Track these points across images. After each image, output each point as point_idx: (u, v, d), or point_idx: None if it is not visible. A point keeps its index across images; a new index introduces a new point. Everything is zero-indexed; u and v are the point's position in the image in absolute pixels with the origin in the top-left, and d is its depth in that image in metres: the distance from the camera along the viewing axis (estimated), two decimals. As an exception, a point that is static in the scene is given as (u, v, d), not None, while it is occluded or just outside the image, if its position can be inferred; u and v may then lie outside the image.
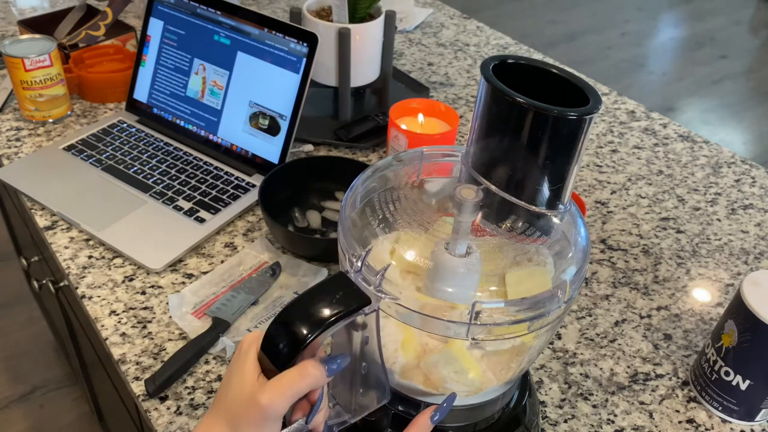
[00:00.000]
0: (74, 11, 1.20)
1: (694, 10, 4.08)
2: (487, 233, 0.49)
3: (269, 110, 0.92)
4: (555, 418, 0.66)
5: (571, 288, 0.48)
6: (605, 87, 1.25)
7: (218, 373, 0.68)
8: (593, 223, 0.92)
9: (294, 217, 0.87)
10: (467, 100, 1.17)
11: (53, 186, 0.89)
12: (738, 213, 0.95)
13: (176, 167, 0.93)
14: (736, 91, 3.27)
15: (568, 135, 0.44)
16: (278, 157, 0.92)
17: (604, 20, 3.86)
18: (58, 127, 1.03)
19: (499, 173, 0.46)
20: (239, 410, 0.43)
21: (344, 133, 1.01)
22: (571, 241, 0.52)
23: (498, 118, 0.45)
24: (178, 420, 0.64)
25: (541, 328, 0.48)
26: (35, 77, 0.98)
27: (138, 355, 0.69)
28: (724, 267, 0.86)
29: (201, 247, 0.83)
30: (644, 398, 0.69)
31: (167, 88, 1.00)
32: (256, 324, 0.73)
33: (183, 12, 0.97)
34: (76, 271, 0.79)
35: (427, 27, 1.41)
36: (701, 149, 1.09)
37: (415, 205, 0.54)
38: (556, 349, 0.73)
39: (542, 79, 0.47)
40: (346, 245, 0.49)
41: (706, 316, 0.79)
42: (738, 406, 0.66)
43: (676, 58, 3.56)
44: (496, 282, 0.49)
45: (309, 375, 0.43)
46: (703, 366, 0.68)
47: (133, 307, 0.75)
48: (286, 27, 0.90)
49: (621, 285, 0.82)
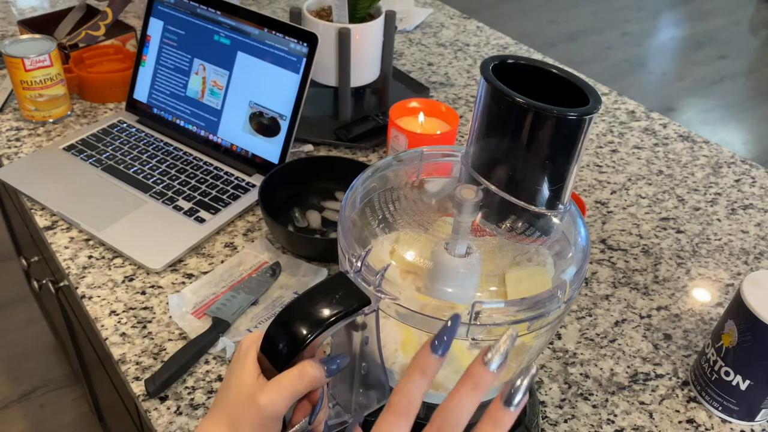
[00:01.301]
0: (74, 11, 1.20)
1: (694, 10, 4.08)
2: (487, 233, 0.49)
3: (269, 110, 0.92)
4: (555, 418, 0.66)
5: (571, 288, 0.48)
6: (605, 87, 1.25)
7: (218, 373, 0.68)
8: (593, 223, 0.92)
9: (294, 217, 0.87)
10: (467, 100, 1.17)
11: (53, 186, 0.89)
12: (738, 213, 0.95)
13: (176, 167, 0.93)
14: (736, 91, 3.27)
15: (568, 135, 0.44)
16: (278, 157, 0.92)
17: (604, 20, 3.86)
18: (58, 127, 1.03)
19: (498, 173, 0.46)
20: (239, 411, 0.43)
21: (344, 133, 1.01)
22: (571, 241, 0.52)
23: (498, 118, 0.45)
24: (178, 420, 0.64)
25: (541, 328, 0.48)
26: (35, 77, 0.98)
27: (138, 355, 0.69)
28: (724, 267, 0.86)
29: (201, 247, 0.83)
30: (644, 398, 0.69)
31: (167, 88, 1.00)
32: (256, 324, 0.73)
33: (183, 12, 0.97)
34: (76, 271, 0.79)
35: (427, 27, 1.41)
36: (701, 149, 1.09)
37: (415, 205, 0.54)
38: (556, 349, 0.73)
39: (542, 79, 0.47)
40: (345, 245, 0.49)
41: (706, 316, 0.79)
42: (738, 406, 0.66)
43: (676, 58, 3.56)
44: (496, 282, 0.49)
45: (308, 375, 0.43)
46: (703, 366, 0.68)
47: (133, 307, 0.75)
48: (286, 27, 0.90)
49: (621, 285, 0.82)
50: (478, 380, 0.35)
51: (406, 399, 0.36)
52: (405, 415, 0.36)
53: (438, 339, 0.36)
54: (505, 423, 0.35)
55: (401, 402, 0.36)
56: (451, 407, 0.35)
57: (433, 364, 0.36)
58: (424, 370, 0.36)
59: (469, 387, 0.35)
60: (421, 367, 0.36)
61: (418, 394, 0.36)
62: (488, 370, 0.35)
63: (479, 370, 0.35)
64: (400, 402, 0.36)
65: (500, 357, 0.35)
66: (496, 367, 0.35)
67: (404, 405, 0.36)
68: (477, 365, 0.35)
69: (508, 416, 0.35)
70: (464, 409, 0.35)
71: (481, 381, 0.35)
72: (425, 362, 0.36)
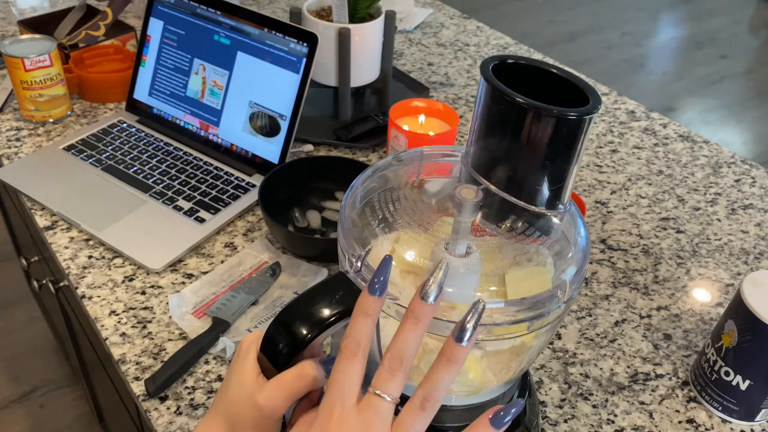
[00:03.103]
0: (74, 11, 1.20)
1: (694, 10, 4.08)
2: (487, 233, 0.49)
3: (269, 110, 0.92)
4: (555, 418, 0.66)
5: (571, 288, 0.48)
6: (605, 87, 1.25)
7: (218, 373, 0.68)
8: (593, 223, 0.92)
9: (294, 217, 0.87)
10: (467, 100, 1.17)
11: (53, 186, 0.89)
12: (738, 213, 0.95)
13: (176, 167, 0.93)
14: (736, 91, 3.27)
15: (568, 135, 0.44)
16: (278, 157, 0.92)
17: (604, 20, 3.86)
18: (58, 127, 1.03)
19: (498, 173, 0.46)
20: (238, 410, 0.43)
21: (344, 133, 1.01)
22: (571, 241, 0.52)
23: (498, 118, 0.45)
24: (178, 420, 0.64)
25: (541, 328, 0.48)
26: (35, 77, 0.98)
27: (138, 355, 0.69)
28: (724, 267, 0.86)
29: (201, 247, 0.83)
30: (644, 398, 0.69)
31: (167, 88, 1.00)
32: (256, 324, 0.73)
33: (183, 12, 0.97)
34: (76, 271, 0.79)
35: (427, 27, 1.41)
36: (701, 149, 1.09)
37: (415, 205, 0.54)
38: (556, 349, 0.73)
39: (542, 79, 0.47)
40: (345, 245, 0.49)
41: (706, 316, 0.79)
42: (738, 406, 0.66)
43: (676, 58, 3.56)
44: (496, 282, 0.49)
45: (308, 376, 0.43)
46: (703, 366, 0.68)
47: (133, 307, 0.75)
48: (286, 27, 0.90)
49: (621, 285, 0.82)
50: (418, 314, 0.39)
51: (354, 341, 0.39)
52: (356, 355, 0.39)
53: (375, 279, 0.40)
54: (458, 358, 0.38)
55: (350, 343, 0.39)
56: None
57: (374, 304, 0.40)
58: (366, 312, 0.40)
59: (411, 322, 0.39)
60: (363, 310, 0.40)
61: (364, 335, 0.39)
62: (426, 303, 0.39)
63: (418, 304, 0.39)
64: (349, 345, 0.39)
65: (436, 288, 0.39)
66: (434, 299, 0.39)
67: (353, 346, 0.39)
68: (416, 301, 0.39)
69: (461, 351, 0.38)
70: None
71: (420, 315, 0.39)
72: (366, 305, 0.40)
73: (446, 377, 0.38)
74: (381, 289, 0.40)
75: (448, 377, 0.38)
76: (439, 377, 0.38)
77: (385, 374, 0.38)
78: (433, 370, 0.38)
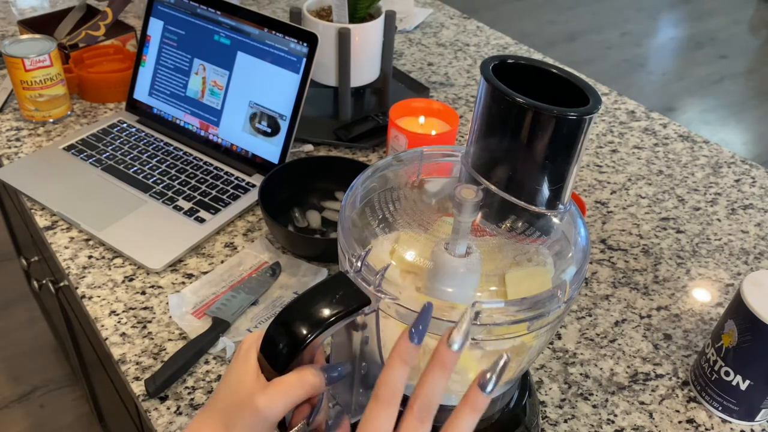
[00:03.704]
0: (74, 11, 1.20)
1: (694, 10, 4.08)
2: (487, 233, 0.49)
3: (269, 110, 0.92)
4: (555, 418, 0.66)
5: (571, 288, 0.48)
6: (605, 87, 1.25)
7: (218, 373, 0.68)
8: (593, 223, 0.92)
9: (294, 217, 0.87)
10: (467, 100, 1.17)
11: (53, 186, 0.89)
12: (738, 213, 0.95)
13: (176, 167, 0.93)
14: (736, 91, 3.27)
15: (568, 135, 0.44)
16: (278, 157, 0.92)
17: (604, 20, 3.86)
18: (58, 127, 1.03)
19: (498, 173, 0.46)
20: (235, 410, 0.43)
21: (344, 133, 1.01)
22: (571, 241, 0.52)
23: (498, 118, 0.45)
24: (178, 420, 0.64)
25: (541, 328, 0.48)
26: (35, 77, 0.98)
27: (138, 355, 0.69)
28: (724, 267, 0.86)
29: (201, 247, 0.83)
30: (644, 398, 0.69)
31: (167, 88, 1.00)
32: (256, 324, 0.73)
33: (183, 12, 0.97)
34: (76, 271, 0.79)
35: (427, 27, 1.41)
36: (701, 149, 1.09)
37: (415, 205, 0.54)
38: (556, 349, 0.73)
39: (542, 79, 0.47)
40: (345, 245, 0.49)
41: (706, 316, 0.79)
42: (738, 406, 0.66)
43: (676, 58, 3.56)
44: (496, 282, 0.49)
45: (308, 383, 0.43)
46: (703, 366, 0.68)
47: (133, 307, 0.75)
48: (286, 27, 0.90)
49: (621, 285, 0.82)
50: (444, 361, 0.38)
51: (390, 389, 0.38)
52: (390, 403, 0.38)
53: (414, 328, 0.38)
54: (480, 406, 0.37)
55: (386, 392, 0.38)
56: (424, 390, 0.38)
57: (412, 352, 0.38)
58: (404, 359, 0.38)
59: (437, 369, 0.38)
60: (401, 357, 0.38)
61: (400, 383, 0.38)
62: (452, 351, 0.37)
63: (444, 351, 0.38)
64: (385, 392, 0.38)
65: (462, 337, 0.38)
66: (459, 347, 0.37)
67: (389, 394, 0.38)
68: (442, 347, 0.38)
69: (483, 400, 0.37)
70: (436, 390, 0.38)
71: (447, 361, 0.38)
72: (404, 351, 0.38)
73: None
74: (419, 337, 0.39)
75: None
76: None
77: (415, 423, 0.38)
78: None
